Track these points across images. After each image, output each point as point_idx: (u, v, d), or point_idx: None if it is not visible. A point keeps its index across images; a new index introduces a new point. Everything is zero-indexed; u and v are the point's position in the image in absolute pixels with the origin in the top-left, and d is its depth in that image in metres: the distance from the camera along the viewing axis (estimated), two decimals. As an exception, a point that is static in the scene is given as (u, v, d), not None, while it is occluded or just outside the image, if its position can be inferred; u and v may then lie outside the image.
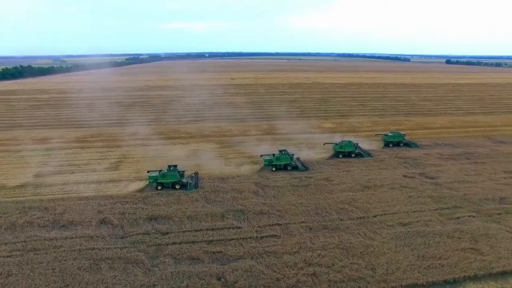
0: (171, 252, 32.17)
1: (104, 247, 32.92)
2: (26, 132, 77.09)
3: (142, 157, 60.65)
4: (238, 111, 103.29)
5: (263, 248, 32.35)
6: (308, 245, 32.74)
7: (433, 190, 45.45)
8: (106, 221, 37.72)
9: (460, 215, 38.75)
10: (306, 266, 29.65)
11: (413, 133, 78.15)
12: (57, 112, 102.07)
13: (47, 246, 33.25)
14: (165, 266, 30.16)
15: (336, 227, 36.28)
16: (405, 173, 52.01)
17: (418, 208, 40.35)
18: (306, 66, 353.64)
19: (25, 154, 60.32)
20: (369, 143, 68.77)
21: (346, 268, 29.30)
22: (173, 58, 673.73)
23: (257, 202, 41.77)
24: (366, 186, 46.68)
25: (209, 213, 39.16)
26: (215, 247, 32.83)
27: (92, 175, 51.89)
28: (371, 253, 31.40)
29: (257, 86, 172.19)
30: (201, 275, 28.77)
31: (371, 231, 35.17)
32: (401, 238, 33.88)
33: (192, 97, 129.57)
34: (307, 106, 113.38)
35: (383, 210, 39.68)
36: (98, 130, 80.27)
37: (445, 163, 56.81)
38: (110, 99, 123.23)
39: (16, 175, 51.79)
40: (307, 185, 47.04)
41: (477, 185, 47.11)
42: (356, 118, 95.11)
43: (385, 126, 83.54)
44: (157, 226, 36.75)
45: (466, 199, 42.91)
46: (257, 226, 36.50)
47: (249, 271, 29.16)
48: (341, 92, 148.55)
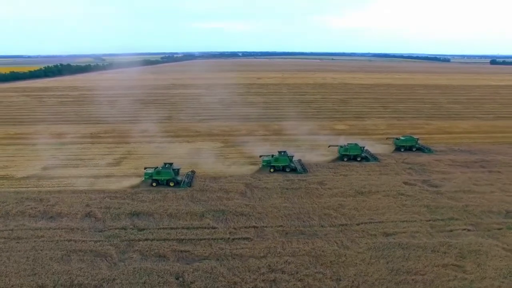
0: (141, 248, 32.60)
1: (80, 240, 34.01)
2: (47, 127, 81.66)
3: (145, 154, 62.18)
4: (253, 111, 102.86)
5: (231, 250, 31.85)
6: (278, 250, 31.79)
7: (432, 199, 42.47)
8: (91, 215, 38.98)
9: (454, 228, 35.87)
10: (269, 272, 28.80)
11: (430, 137, 73.73)
12: (81, 108, 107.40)
13: (30, 235, 34.91)
14: (130, 262, 30.61)
15: (313, 233, 34.94)
16: (407, 179, 49.08)
17: (409, 217, 37.87)
18: (337, 66, 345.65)
19: (40, 148, 63.76)
20: (379, 146, 65.78)
21: (309, 277, 28.10)
22: (206, 57, 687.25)
23: (241, 203, 41.27)
24: (359, 191, 44.59)
25: (189, 212, 39.28)
26: (184, 246, 32.84)
27: (93, 169, 53.93)
28: (341, 263, 29.87)
29: (281, 86, 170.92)
30: (161, 273, 28.87)
31: (349, 240, 33.48)
32: (379, 249, 31.95)
33: (212, 95, 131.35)
34: (325, 107, 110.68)
35: (369, 218, 37.66)
36: (113, 126, 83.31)
37: (455, 170, 52.93)
38: (133, 97, 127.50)
39: (26, 167, 54.93)
40: (298, 188, 45.78)
41: (484, 196, 43.38)
42: (372, 120, 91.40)
43: (401, 130, 79.47)
44: (136, 222, 37.41)
45: (467, 210, 39.66)
46: (232, 227, 36.06)
47: (209, 272, 28.84)
48: (365, 93, 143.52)
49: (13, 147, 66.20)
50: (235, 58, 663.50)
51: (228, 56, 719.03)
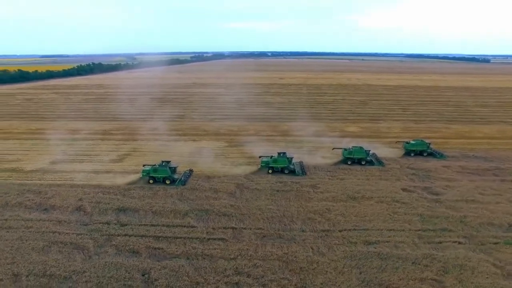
0: (118, 243, 33.29)
1: (64, 232, 35.33)
2: (66, 123, 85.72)
3: (149, 151, 63.61)
4: (267, 111, 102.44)
5: (203, 250, 31.78)
6: (249, 253, 31.29)
7: (428, 208, 40.06)
8: (81, 208, 40.37)
9: (444, 240, 33.61)
10: (234, 275, 28.42)
11: (445, 142, 69.86)
12: (101, 106, 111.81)
13: (20, 225, 36.72)
14: (104, 256, 31.37)
15: (291, 237, 34.06)
16: (407, 185, 46.68)
17: (398, 226, 35.93)
18: (366, 67, 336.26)
19: (53, 143, 66.93)
20: (388, 150, 63.14)
21: (273, 282, 27.41)
22: (235, 57, 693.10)
23: (227, 203, 41.08)
24: (352, 197, 42.95)
25: (174, 210, 39.67)
26: (159, 243, 33.18)
27: (96, 165, 55.84)
28: (311, 270, 28.88)
29: (302, 86, 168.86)
30: (130, 268, 29.33)
31: (326, 247, 32.32)
32: (355, 258, 30.56)
33: (231, 95, 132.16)
34: (341, 108, 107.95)
35: (354, 225, 36.15)
36: (127, 124, 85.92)
37: (462, 178, 49.67)
38: (153, 95, 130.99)
39: (37, 161, 57.90)
40: (289, 191, 44.88)
41: (487, 207, 40.32)
42: (388, 123, 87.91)
43: (415, 133, 75.79)
44: (121, 217, 38.28)
45: (463, 221, 37.04)
46: (211, 227, 35.97)
47: (176, 271, 28.91)
48: (388, 94, 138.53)
49: (30, 142, 70.03)
50: (264, 58, 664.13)
51: (257, 56, 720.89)
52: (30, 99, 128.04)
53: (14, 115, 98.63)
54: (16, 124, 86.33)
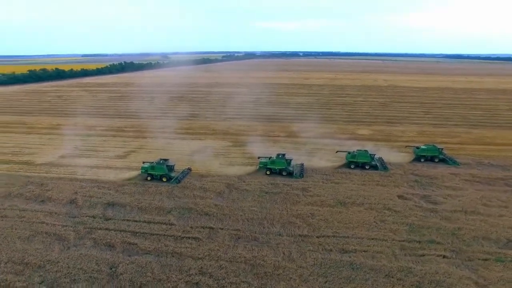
0: (97, 236, 34.38)
1: (52, 223, 37.01)
2: (85, 119, 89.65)
3: (154, 148, 65.12)
4: (282, 112, 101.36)
5: (174, 248, 32.05)
6: (219, 254, 31.08)
7: (420, 217, 37.70)
8: (74, 201, 42.13)
9: (428, 253, 31.45)
10: (197, 274, 28.41)
11: (463, 147, 65.58)
12: (123, 103, 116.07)
13: (15, 215, 38.93)
14: (81, 248, 32.54)
15: (266, 241, 33.43)
16: (404, 193, 44.26)
17: (381, 236, 34.13)
18: (397, 68, 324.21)
19: (68, 138, 70.26)
20: (397, 155, 60.32)
21: (233, 285, 27.10)
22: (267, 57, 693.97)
23: (211, 203, 41.14)
24: (341, 202, 41.43)
25: (159, 207, 40.30)
26: (135, 238, 33.86)
27: (100, 160, 58.05)
28: (275, 276, 28.20)
29: (325, 87, 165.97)
30: (100, 261, 30.20)
31: (299, 252, 31.37)
32: (326, 266, 29.41)
33: (250, 95, 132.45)
34: (359, 110, 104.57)
35: (335, 232, 34.81)
36: (141, 121, 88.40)
37: (469, 187, 46.29)
38: (174, 94, 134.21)
39: (48, 154, 61.18)
40: (278, 193, 44.10)
41: (488, 220, 37.29)
42: (404, 126, 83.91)
43: (430, 138, 71.90)
44: (107, 212, 39.50)
45: (456, 234, 34.49)
46: (189, 226, 36.18)
47: (142, 266, 29.35)
48: (413, 96, 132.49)
49: (47, 136, 74.09)
50: (295, 58, 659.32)
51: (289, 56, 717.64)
52: (60, 96, 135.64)
53: (42, 111, 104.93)
54: (41, 120, 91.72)
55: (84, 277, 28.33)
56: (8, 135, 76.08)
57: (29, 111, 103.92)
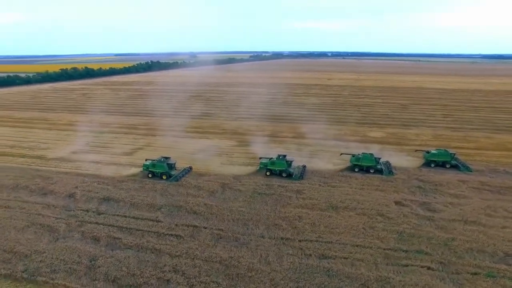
0: (86, 229, 35.60)
1: (47, 215, 38.77)
2: (103, 117, 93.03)
3: (161, 146, 66.49)
4: (295, 112, 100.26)
5: (154, 245, 32.59)
6: (196, 252, 31.29)
7: (414, 225, 35.90)
8: (72, 195, 43.86)
9: (413, 263, 29.87)
10: (170, 271, 28.81)
11: (480, 153, 61.86)
12: (141, 101, 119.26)
13: (17, 206, 41.10)
14: (68, 240, 33.91)
15: (247, 242, 33.20)
16: (403, 199, 42.36)
17: (367, 243, 32.84)
18: (429, 69, 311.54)
19: (82, 134, 73.39)
20: (406, 159, 57.98)
21: (202, 284, 27.21)
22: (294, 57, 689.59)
23: (202, 201, 41.42)
24: (333, 206, 40.30)
25: (150, 204, 41.08)
26: (120, 233, 34.77)
27: (107, 157, 60.11)
28: (246, 278, 27.97)
29: (346, 88, 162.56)
30: (82, 253, 31.31)
31: (276, 256, 30.86)
32: (301, 271, 28.77)
33: (267, 95, 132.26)
34: (377, 112, 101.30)
35: (319, 236, 33.92)
36: (155, 119, 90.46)
37: (475, 195, 43.53)
38: (192, 92, 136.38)
39: (61, 150, 64.08)
40: (270, 194, 43.64)
41: (487, 231, 34.89)
42: (420, 129, 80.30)
43: (445, 142, 68.41)
44: (101, 206, 40.79)
45: (448, 245, 32.53)
46: (175, 223, 36.60)
47: (120, 261, 30.11)
48: (437, 98, 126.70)
49: (65, 132, 77.57)
50: (323, 58, 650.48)
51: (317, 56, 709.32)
52: (85, 94, 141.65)
53: (65, 108, 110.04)
54: (63, 116, 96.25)
55: (64, 268, 29.39)
56: (30, 130, 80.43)
57: (53, 108, 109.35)
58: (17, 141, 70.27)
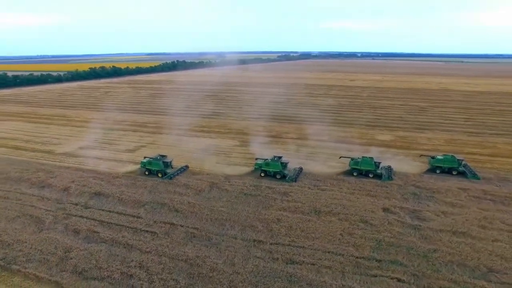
0: (71, 222, 37.11)
1: (38, 207, 40.72)
2: (117, 114, 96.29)
3: (164, 144, 67.85)
4: (307, 113, 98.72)
5: (128, 240, 33.44)
6: (165, 250, 31.71)
7: (395, 234, 34.23)
8: (67, 189, 45.76)
9: (383, 274, 28.53)
10: (135, 267, 29.55)
11: (494, 160, 58.19)
12: (157, 100, 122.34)
13: (14, 197, 43.46)
14: (51, 231, 35.53)
15: (218, 242, 33.17)
16: (392, 205, 40.54)
17: (340, 250, 31.72)
18: (460, 70, 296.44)
19: (93, 131, 76.15)
20: (411, 164, 55.56)
21: (162, 281, 27.61)
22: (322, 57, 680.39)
23: (186, 200, 41.87)
24: (317, 210, 39.30)
25: (136, 200, 42.02)
26: (100, 227, 35.91)
27: (110, 153, 62.14)
28: (206, 278, 28.02)
29: (366, 89, 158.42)
30: (59, 245, 32.69)
31: (243, 258, 30.60)
32: (263, 275, 28.38)
33: (283, 95, 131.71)
34: (392, 115, 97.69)
35: (292, 240, 33.24)
36: (165, 118, 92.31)
37: (473, 204, 40.85)
38: (209, 92, 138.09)
39: (70, 145, 67.02)
40: (256, 195, 43.30)
41: (476, 244, 32.60)
42: (435, 133, 76.43)
43: (458, 147, 64.87)
44: (90, 201, 42.32)
45: (428, 256, 30.74)
46: (153, 220, 37.29)
47: (92, 254, 31.16)
48: (461, 101, 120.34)
49: (78, 129, 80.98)
50: (352, 58, 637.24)
51: (346, 57, 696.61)
52: (108, 92, 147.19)
53: (85, 105, 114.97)
54: (81, 113, 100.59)
55: (39, 258, 30.69)
56: (47, 126, 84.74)
57: (74, 105, 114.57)
58: (33, 136, 74.23)
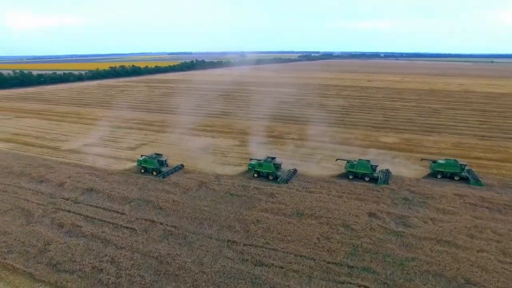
0: (58, 216, 38.49)
1: (31, 201, 42.41)
2: (127, 113, 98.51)
3: (165, 143, 69.01)
4: (314, 114, 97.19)
5: (107, 235, 34.31)
6: (139, 246, 32.37)
7: (375, 240, 33.20)
8: (62, 184, 47.29)
9: (351, 281, 27.82)
10: (107, 261, 30.39)
11: (502, 166, 55.57)
12: (169, 99, 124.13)
13: (12, 191, 45.47)
14: (37, 224, 37.02)
15: (192, 241, 33.42)
16: (379, 210, 39.35)
17: (313, 254, 31.15)
18: (488, 71, 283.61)
19: (100, 129, 78.44)
20: (411, 168, 53.73)
21: (128, 276, 28.55)
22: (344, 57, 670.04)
23: (172, 198, 42.49)
24: (299, 212, 38.75)
25: (125, 197, 42.95)
26: (83, 222, 37.11)
27: (112, 150, 63.75)
28: (172, 276, 28.41)
29: (382, 90, 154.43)
30: (41, 237, 34.03)
31: (213, 258, 30.64)
32: (228, 276, 28.34)
33: (294, 95, 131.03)
34: (402, 116, 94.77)
35: (267, 242, 32.95)
36: (173, 117, 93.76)
37: (467, 212, 39.01)
38: (222, 92, 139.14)
39: (76, 142, 69.26)
40: (242, 195, 43.24)
41: (458, 254, 31.16)
42: (442, 136, 73.49)
43: (466, 151, 62.29)
44: (81, 196, 43.71)
45: (404, 265, 29.63)
46: (135, 217, 38.04)
47: (69, 247, 32.25)
48: (480, 103, 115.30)
49: (87, 127, 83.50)
50: (374, 59, 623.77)
51: (368, 57, 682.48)
52: (123, 91, 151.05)
53: (99, 103, 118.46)
54: (93, 111, 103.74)
55: (19, 250, 31.96)
56: (59, 123, 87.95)
57: (89, 103, 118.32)
58: (44, 133, 77.28)
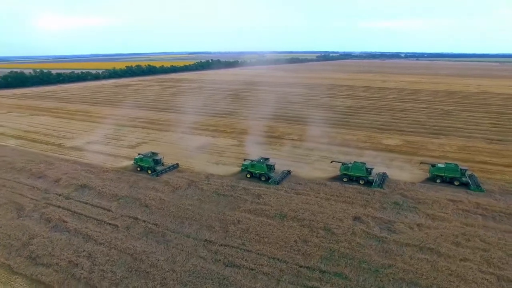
0: (47, 211, 39.72)
1: (26, 195, 44.06)
2: (135, 111, 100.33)
3: (165, 141, 69.98)
4: (320, 114, 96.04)
5: (89, 231, 35.31)
6: (118, 243, 33.02)
7: (354, 245, 32.43)
8: (58, 180, 48.74)
9: (320, 286, 27.35)
10: (84, 256, 31.26)
11: (506, 171, 53.00)
12: (178, 98, 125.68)
13: (10, 186, 47.29)
14: (26, 219, 38.44)
15: (170, 240, 33.79)
16: (365, 214, 38.39)
17: (286, 257, 30.77)
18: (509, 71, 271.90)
19: (105, 127, 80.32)
20: (409, 171, 52.23)
21: (101, 272, 29.15)
22: (363, 57, 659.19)
23: (159, 196, 43.02)
24: (282, 214, 38.38)
25: (115, 194, 43.86)
26: (70, 217, 38.26)
27: (112, 148, 65.17)
28: (143, 273, 28.90)
29: (395, 91, 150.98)
30: (27, 231, 35.42)
31: (187, 257, 30.89)
32: (197, 275, 28.43)
33: (304, 95, 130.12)
34: (410, 118, 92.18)
35: (243, 243, 32.85)
36: (178, 116, 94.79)
37: (456, 218, 37.54)
38: (231, 91, 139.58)
39: (80, 140, 71.16)
40: (229, 196, 43.23)
41: (439, 263, 30.10)
42: (449, 138, 70.90)
43: (471, 155, 60.11)
44: (73, 192, 44.91)
45: (378, 272, 28.81)
46: (120, 214, 38.77)
47: (51, 242, 33.29)
48: (497, 105, 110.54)
49: (94, 124, 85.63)
50: (394, 59, 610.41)
51: (388, 57, 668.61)
52: (136, 89, 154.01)
53: (110, 102, 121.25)
54: (102, 110, 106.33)
55: (4, 243, 33.16)
56: (69, 121, 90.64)
57: (100, 101, 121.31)
58: (52, 130, 79.81)
